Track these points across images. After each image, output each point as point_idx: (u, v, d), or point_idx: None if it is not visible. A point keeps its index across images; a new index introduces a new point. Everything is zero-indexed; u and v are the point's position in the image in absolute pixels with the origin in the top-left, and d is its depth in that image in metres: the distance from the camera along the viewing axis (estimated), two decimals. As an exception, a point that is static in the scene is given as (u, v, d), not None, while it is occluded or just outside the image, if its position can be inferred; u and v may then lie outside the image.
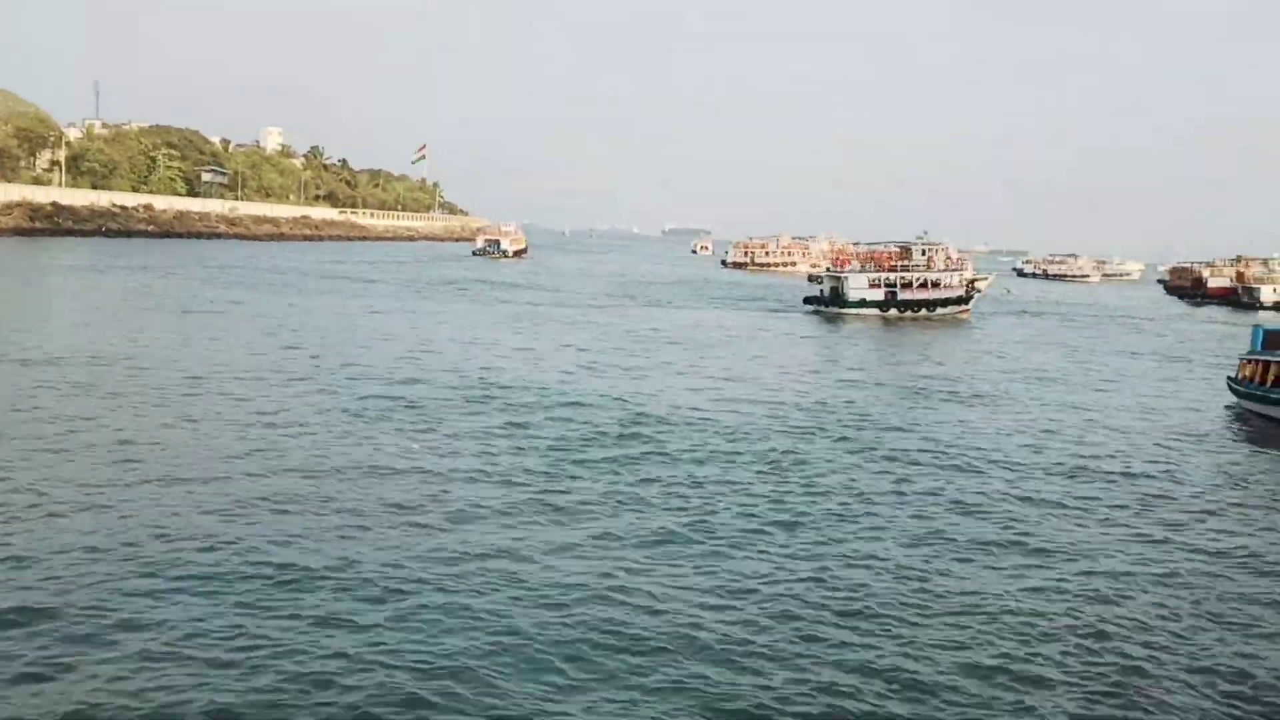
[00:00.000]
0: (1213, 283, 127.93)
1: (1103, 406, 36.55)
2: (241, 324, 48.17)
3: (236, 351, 38.43)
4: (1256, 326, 39.48)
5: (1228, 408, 37.47)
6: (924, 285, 73.07)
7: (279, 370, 34.50)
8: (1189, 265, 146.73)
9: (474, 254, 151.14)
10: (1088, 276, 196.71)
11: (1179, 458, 27.78)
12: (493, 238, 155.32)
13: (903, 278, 72.86)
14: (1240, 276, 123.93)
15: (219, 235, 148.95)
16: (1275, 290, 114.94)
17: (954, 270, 75.56)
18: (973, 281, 77.68)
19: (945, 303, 73.38)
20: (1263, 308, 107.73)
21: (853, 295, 72.28)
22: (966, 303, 75.29)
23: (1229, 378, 39.04)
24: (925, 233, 77.32)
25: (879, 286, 72.20)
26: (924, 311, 71.97)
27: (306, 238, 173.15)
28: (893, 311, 71.11)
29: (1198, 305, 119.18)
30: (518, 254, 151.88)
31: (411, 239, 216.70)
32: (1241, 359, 38.01)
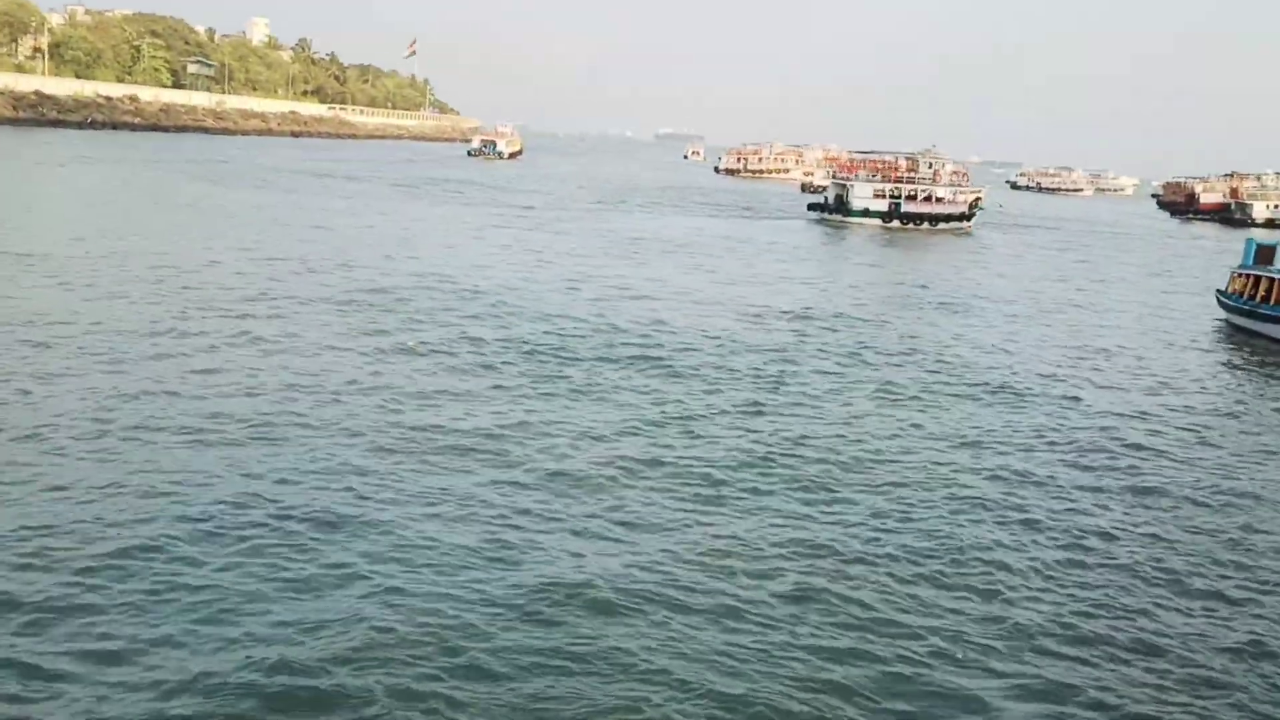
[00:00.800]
0: (1205, 198, 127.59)
1: (1091, 320, 36.91)
2: (239, 222, 47.93)
3: (228, 251, 38.36)
4: (1249, 240, 39.61)
5: (1216, 320, 37.77)
6: (928, 199, 73.06)
7: (274, 269, 34.53)
8: (1182, 181, 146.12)
9: (469, 154, 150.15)
10: (1081, 190, 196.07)
11: (1163, 372, 28.20)
12: (489, 138, 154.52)
13: (908, 190, 72.76)
14: (1234, 193, 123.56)
15: (205, 129, 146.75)
16: (1269, 207, 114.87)
17: (958, 186, 75.78)
18: (976, 199, 77.93)
19: (948, 218, 73.53)
20: (1255, 224, 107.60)
21: (857, 204, 72.34)
22: (969, 219, 75.63)
23: (1218, 291, 39.11)
24: (933, 145, 77.29)
25: (883, 197, 72.23)
26: (926, 225, 72.05)
27: (294, 134, 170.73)
28: (895, 223, 71.19)
29: (1190, 221, 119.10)
30: (513, 156, 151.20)
31: (400, 138, 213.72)
32: (1232, 272, 38.07)
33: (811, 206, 77.55)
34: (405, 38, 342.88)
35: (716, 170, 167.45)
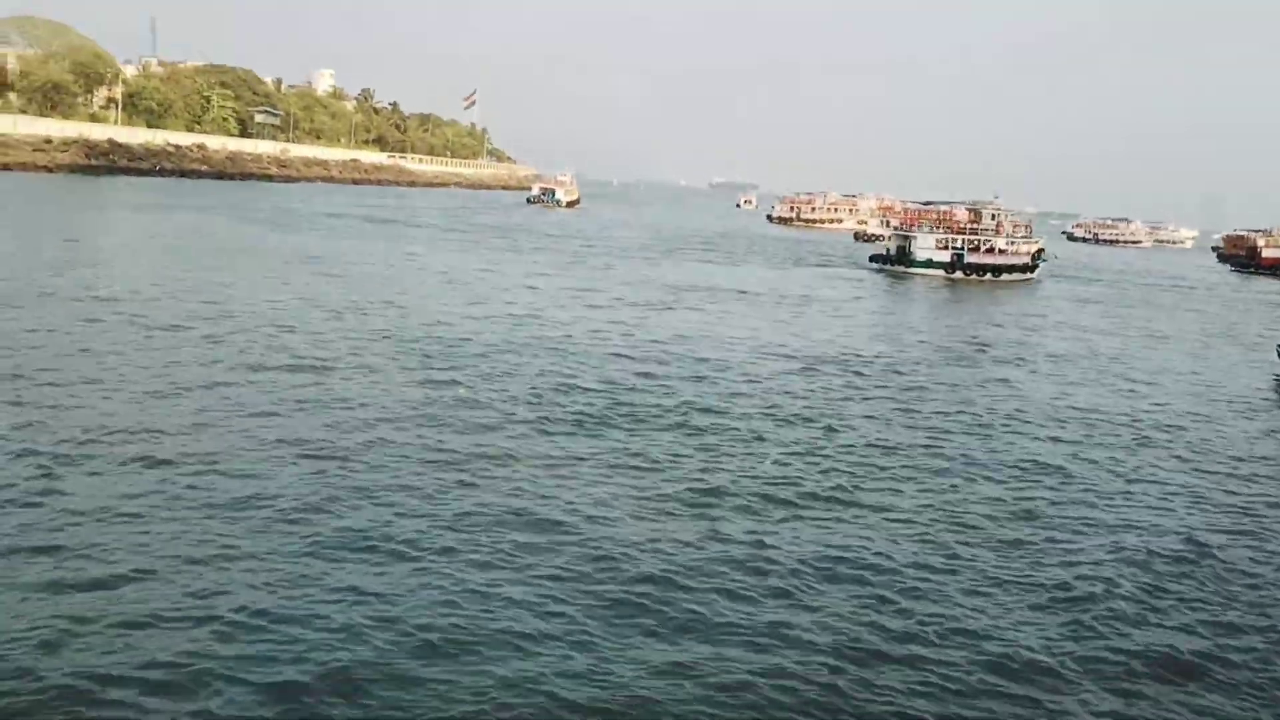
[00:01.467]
0: (1268, 253, 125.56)
1: (1152, 373, 36.52)
2: (296, 266, 49.27)
3: (282, 292, 39.46)
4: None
5: (1276, 376, 37.26)
6: (990, 250, 72.99)
7: (329, 313, 35.47)
8: (1244, 233, 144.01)
9: (528, 201, 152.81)
10: (1140, 242, 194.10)
11: (1222, 427, 27.95)
12: (548, 186, 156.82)
13: (970, 241, 72.70)
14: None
15: (270, 177, 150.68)
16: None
17: (1022, 238, 76.00)
18: (1039, 250, 77.91)
19: (1011, 269, 73.53)
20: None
21: (920, 255, 72.42)
22: (1033, 270, 75.54)
23: (1278, 348, 38.87)
24: (996, 196, 77.49)
25: (946, 248, 72.22)
26: (989, 276, 71.87)
27: (355, 181, 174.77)
28: (958, 274, 71.01)
29: (1250, 275, 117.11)
30: (571, 204, 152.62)
31: (458, 185, 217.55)
32: (1290, 331, 37.86)
33: (874, 258, 77.68)
34: (466, 87, 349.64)
35: (769, 219, 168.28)
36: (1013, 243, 74.88)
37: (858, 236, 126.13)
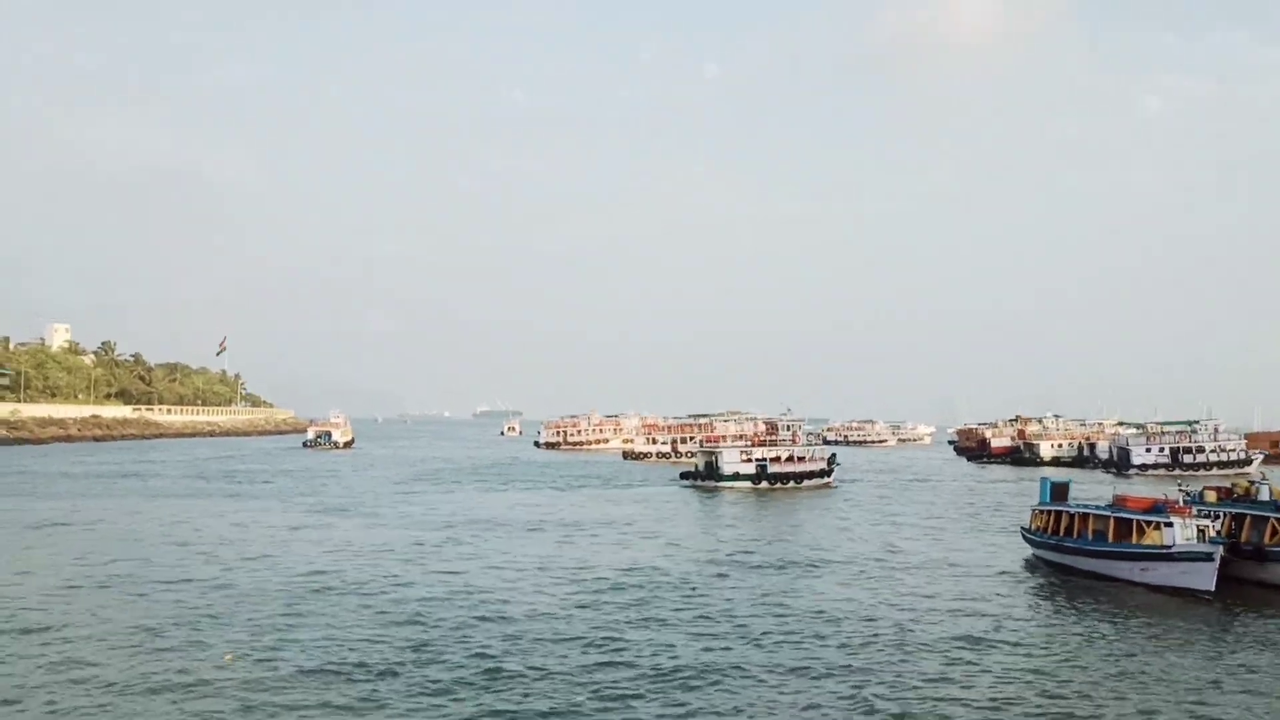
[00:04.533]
0: (996, 443, 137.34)
1: (915, 564, 38.46)
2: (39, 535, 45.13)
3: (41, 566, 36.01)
4: (1044, 479, 42.83)
5: (1025, 560, 39.90)
6: (792, 459, 79.22)
7: (97, 581, 32.53)
8: (974, 427, 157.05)
9: (304, 445, 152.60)
10: (885, 440, 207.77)
11: (984, 606, 29.63)
12: (323, 429, 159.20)
13: (772, 453, 78.61)
14: (1021, 434, 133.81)
15: (2, 440, 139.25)
16: (1052, 446, 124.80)
17: (816, 444, 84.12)
18: (833, 455, 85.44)
19: (811, 474, 79.52)
20: (1042, 462, 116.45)
21: (727, 469, 77.11)
22: (829, 475, 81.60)
23: (1023, 529, 41.75)
24: (789, 410, 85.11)
25: (750, 461, 77.56)
26: (792, 484, 77.23)
27: (97, 438, 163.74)
28: (764, 484, 76.06)
29: (984, 465, 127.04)
30: (347, 444, 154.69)
31: (212, 434, 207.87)
32: (1033, 510, 40.97)
33: (684, 475, 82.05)
34: (214, 333, 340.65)
35: (536, 444, 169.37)
36: (810, 450, 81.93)
37: (626, 455, 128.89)
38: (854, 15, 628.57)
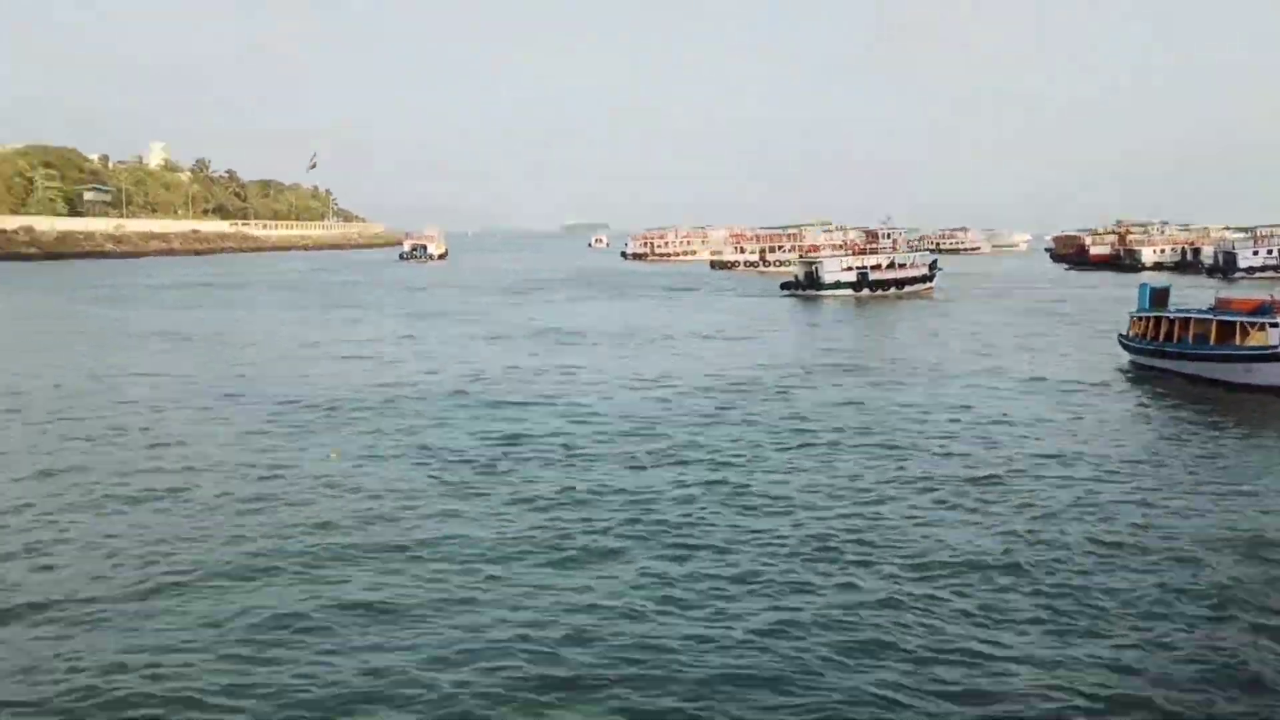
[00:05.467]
0: (1095, 250, 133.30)
1: (1014, 370, 37.92)
2: (157, 343, 47.18)
3: (160, 373, 37.74)
4: (1143, 285, 41.52)
5: (1120, 368, 39.06)
6: (892, 266, 79.54)
7: (214, 386, 34.05)
8: (1074, 234, 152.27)
9: (400, 258, 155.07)
10: (978, 248, 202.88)
11: (1084, 414, 29.32)
12: (418, 242, 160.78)
13: (873, 261, 79.16)
14: (1121, 239, 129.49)
15: (106, 254, 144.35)
16: (1154, 251, 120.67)
17: (918, 251, 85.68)
18: (934, 261, 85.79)
19: (911, 280, 79.96)
20: (1144, 268, 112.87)
21: (827, 278, 77.69)
22: (930, 280, 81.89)
23: (1120, 336, 40.72)
24: (889, 217, 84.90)
25: (850, 270, 77.94)
26: (893, 290, 77.74)
27: (197, 252, 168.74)
28: (864, 291, 76.53)
29: (1083, 272, 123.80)
30: (441, 257, 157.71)
31: (306, 248, 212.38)
32: (1132, 316, 39.83)
33: (784, 285, 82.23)
34: (301, 155, 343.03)
35: (624, 255, 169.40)
36: (910, 258, 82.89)
37: (714, 265, 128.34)
38: None
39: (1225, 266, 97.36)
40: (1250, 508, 19.33)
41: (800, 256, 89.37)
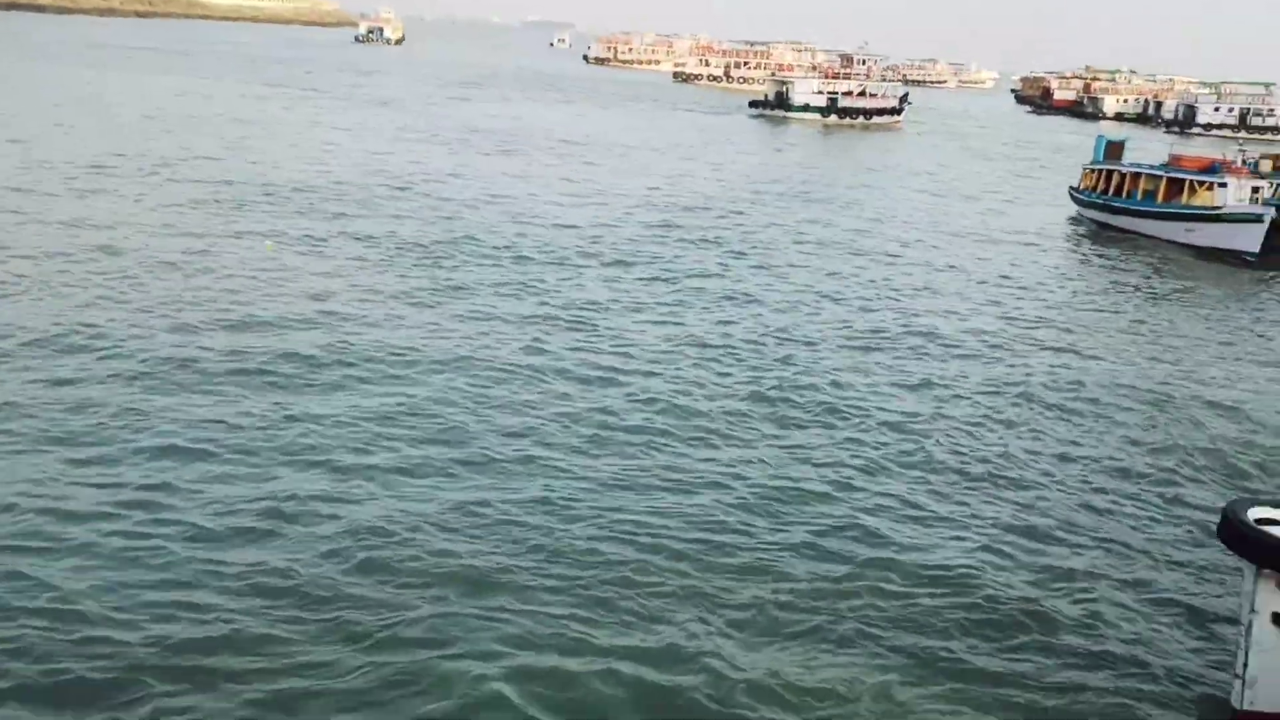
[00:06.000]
0: (1059, 94, 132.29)
1: (962, 219, 37.85)
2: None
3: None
4: (1099, 136, 41.40)
5: (1070, 219, 39.33)
6: (863, 94, 78.83)
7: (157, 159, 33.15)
8: (1040, 76, 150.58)
9: (356, 40, 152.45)
10: (945, 83, 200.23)
11: (1025, 264, 29.73)
12: (375, 24, 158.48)
13: (844, 87, 78.31)
14: (1087, 87, 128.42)
15: (39, 7, 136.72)
16: (1117, 100, 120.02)
17: (889, 82, 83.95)
18: (905, 94, 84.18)
19: (880, 111, 79.19)
20: (1104, 118, 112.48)
21: (797, 100, 76.84)
22: (899, 114, 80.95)
23: (1071, 188, 40.63)
24: (866, 43, 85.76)
25: (821, 93, 77.15)
26: (861, 119, 76.99)
27: (139, 14, 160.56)
28: (833, 117, 75.99)
29: (1043, 115, 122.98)
30: (398, 42, 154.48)
31: (256, 20, 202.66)
32: (1084, 169, 39.67)
33: (753, 104, 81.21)
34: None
35: (585, 59, 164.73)
36: (882, 88, 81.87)
37: (676, 76, 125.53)
38: None
39: (1184, 121, 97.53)
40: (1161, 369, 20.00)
41: (772, 75, 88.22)
